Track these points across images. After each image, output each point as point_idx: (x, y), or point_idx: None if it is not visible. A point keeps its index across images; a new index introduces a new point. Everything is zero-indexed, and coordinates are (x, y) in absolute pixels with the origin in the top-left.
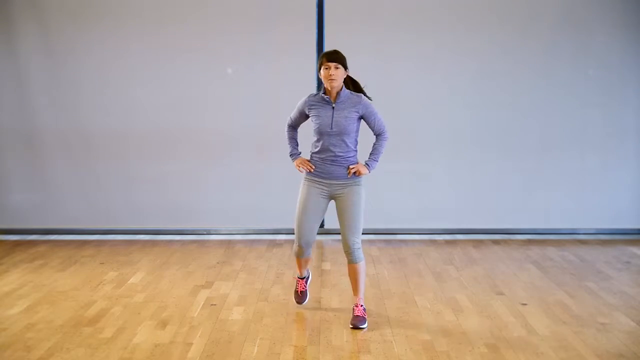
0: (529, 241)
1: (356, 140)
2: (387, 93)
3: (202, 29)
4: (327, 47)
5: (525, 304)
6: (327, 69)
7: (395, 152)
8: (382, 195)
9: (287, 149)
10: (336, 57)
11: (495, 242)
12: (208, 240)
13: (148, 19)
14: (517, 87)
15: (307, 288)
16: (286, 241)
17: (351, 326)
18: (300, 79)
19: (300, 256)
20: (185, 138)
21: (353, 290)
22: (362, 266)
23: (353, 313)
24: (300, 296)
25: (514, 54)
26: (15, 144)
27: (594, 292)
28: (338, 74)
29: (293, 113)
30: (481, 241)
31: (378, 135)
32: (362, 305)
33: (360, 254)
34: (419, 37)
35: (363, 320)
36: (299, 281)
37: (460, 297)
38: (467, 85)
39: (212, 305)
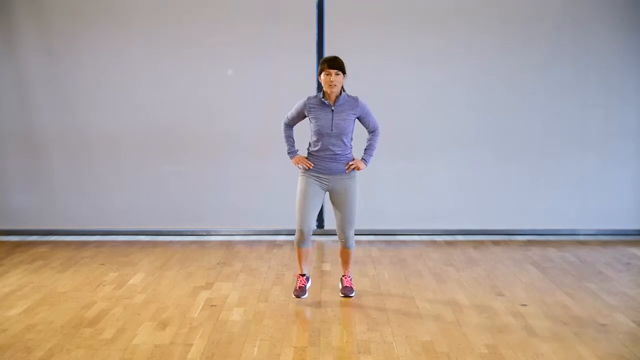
0: (529, 242)
1: (352, 138)
2: (387, 93)
3: (202, 29)
4: (328, 47)
5: (525, 305)
6: (328, 75)
7: (395, 152)
8: (382, 196)
9: (285, 147)
10: (337, 64)
11: (495, 243)
12: (208, 241)
13: (148, 19)
14: (517, 87)
15: (307, 286)
16: (286, 242)
17: (342, 295)
18: (300, 79)
19: (302, 244)
20: (185, 138)
21: (343, 266)
22: (354, 250)
23: (342, 284)
24: (299, 290)
25: (514, 54)
26: (15, 145)
27: (594, 293)
28: (338, 80)
29: (290, 113)
30: (481, 242)
31: (372, 132)
32: (349, 276)
33: (353, 241)
34: (419, 37)
35: (352, 289)
36: (299, 277)
37: (461, 298)
38: (467, 86)
39: (212, 306)
